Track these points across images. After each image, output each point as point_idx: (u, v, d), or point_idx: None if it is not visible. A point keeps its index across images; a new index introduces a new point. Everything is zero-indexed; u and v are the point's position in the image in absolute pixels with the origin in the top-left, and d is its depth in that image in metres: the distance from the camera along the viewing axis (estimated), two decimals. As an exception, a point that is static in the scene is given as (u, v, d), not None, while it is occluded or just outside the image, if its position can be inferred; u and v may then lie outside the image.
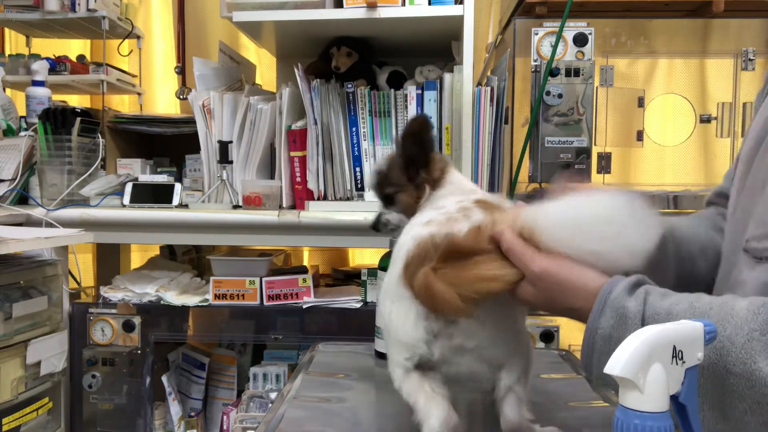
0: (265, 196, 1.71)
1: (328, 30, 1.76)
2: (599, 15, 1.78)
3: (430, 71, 1.78)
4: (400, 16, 1.63)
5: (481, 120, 1.66)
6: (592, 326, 0.61)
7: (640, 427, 0.44)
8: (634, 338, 0.45)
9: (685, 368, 0.47)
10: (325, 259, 2.45)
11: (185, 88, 2.23)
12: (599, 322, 0.60)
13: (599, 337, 0.60)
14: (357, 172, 1.74)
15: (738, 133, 1.92)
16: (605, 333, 0.60)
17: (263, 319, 1.73)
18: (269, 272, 1.77)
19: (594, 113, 1.73)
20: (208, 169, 1.82)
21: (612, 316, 0.60)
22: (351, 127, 1.73)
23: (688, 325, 0.48)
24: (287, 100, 1.73)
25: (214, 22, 2.41)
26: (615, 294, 0.61)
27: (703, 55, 2.08)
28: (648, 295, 0.60)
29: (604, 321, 0.60)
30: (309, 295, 1.73)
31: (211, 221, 1.68)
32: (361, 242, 1.71)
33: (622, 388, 0.45)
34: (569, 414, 0.92)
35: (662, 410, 0.45)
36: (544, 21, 1.70)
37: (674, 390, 0.47)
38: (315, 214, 1.66)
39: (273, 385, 1.84)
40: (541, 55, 1.69)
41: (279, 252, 2.08)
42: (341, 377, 1.09)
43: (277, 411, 0.92)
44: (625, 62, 2.08)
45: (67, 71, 2.15)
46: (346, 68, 1.77)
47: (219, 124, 1.80)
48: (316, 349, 1.26)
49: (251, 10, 1.68)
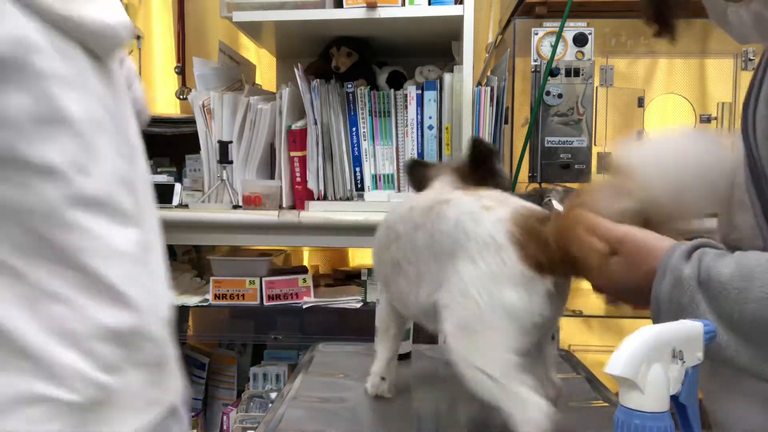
0: (265, 196, 1.71)
1: (328, 30, 1.76)
2: (599, 15, 1.78)
3: (430, 71, 1.78)
4: (400, 16, 1.63)
5: (481, 120, 1.66)
6: (656, 290, 0.63)
7: (641, 427, 0.44)
8: (635, 338, 0.45)
9: (685, 368, 0.47)
10: (325, 259, 2.45)
11: (185, 88, 2.23)
12: (661, 286, 0.63)
13: (663, 301, 0.63)
14: (357, 172, 1.74)
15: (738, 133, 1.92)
16: (666, 296, 0.62)
17: (263, 319, 1.73)
18: (269, 272, 1.77)
19: (594, 113, 1.73)
20: (208, 169, 1.82)
21: (670, 281, 0.62)
22: (351, 127, 1.74)
23: (688, 325, 0.49)
24: (287, 100, 1.73)
25: (214, 22, 2.41)
26: (674, 258, 0.63)
27: (703, 55, 2.08)
28: (703, 257, 0.61)
29: (664, 285, 0.62)
30: (309, 295, 1.73)
31: (211, 221, 1.68)
32: (361, 242, 1.71)
33: (622, 388, 0.45)
34: (569, 414, 0.92)
35: (663, 410, 0.45)
36: (544, 21, 1.70)
37: (674, 390, 0.47)
38: (315, 214, 1.66)
39: (273, 385, 1.85)
40: (541, 55, 1.69)
41: (279, 252, 2.08)
42: (341, 377, 1.09)
43: (277, 411, 0.92)
44: (625, 62, 2.08)
45: (67, 71, 2.15)
46: (346, 68, 1.77)
47: (219, 124, 1.80)
48: (316, 350, 1.26)
49: (251, 10, 1.68)
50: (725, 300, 0.58)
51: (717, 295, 0.59)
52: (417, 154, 1.72)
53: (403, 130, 1.73)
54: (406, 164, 0.99)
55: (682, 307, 0.61)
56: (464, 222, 0.77)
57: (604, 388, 1.03)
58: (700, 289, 0.60)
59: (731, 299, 0.58)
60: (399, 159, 1.74)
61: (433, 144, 1.71)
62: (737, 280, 0.58)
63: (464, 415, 0.95)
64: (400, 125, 1.73)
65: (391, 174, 1.74)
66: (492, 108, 1.66)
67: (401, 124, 1.73)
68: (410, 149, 1.72)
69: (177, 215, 1.71)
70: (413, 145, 1.72)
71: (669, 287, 0.62)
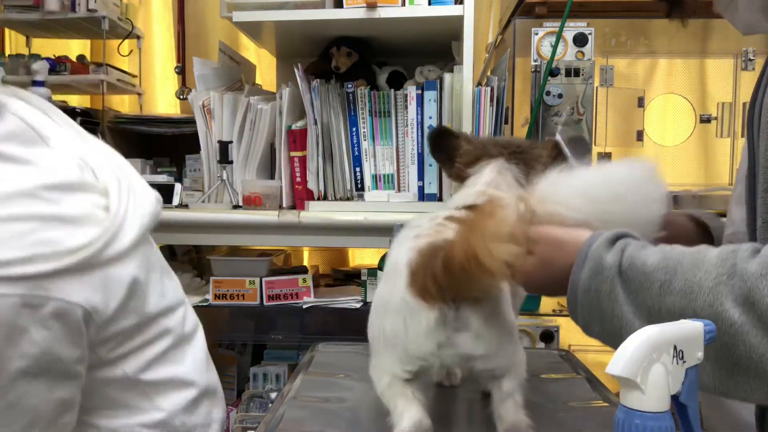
0: (265, 196, 1.71)
1: (328, 30, 1.76)
2: (599, 15, 1.78)
3: (430, 71, 1.78)
4: (400, 16, 1.63)
5: (481, 120, 1.66)
6: (574, 279, 0.62)
7: (641, 427, 0.44)
8: (635, 338, 0.45)
9: (686, 368, 0.47)
10: (325, 259, 2.45)
11: (185, 88, 2.24)
12: (580, 274, 0.61)
13: (581, 290, 0.61)
14: (357, 172, 1.74)
15: (738, 133, 1.92)
16: (585, 285, 0.61)
17: (263, 319, 1.73)
18: (269, 272, 1.77)
19: (594, 113, 1.73)
20: (208, 169, 1.82)
21: (590, 268, 0.60)
22: (351, 127, 1.73)
23: (689, 325, 0.48)
24: (287, 100, 1.73)
25: (214, 22, 2.41)
26: (595, 246, 0.61)
27: (703, 55, 2.08)
28: (626, 247, 0.60)
29: (584, 273, 0.61)
30: (309, 295, 1.73)
31: (211, 221, 1.68)
32: (361, 242, 1.71)
33: (623, 387, 0.45)
34: (569, 414, 0.92)
35: (663, 410, 0.45)
36: (544, 21, 1.70)
37: (675, 390, 0.47)
38: (315, 214, 1.66)
39: (273, 385, 1.85)
40: (541, 55, 1.69)
41: (279, 252, 2.08)
42: (341, 377, 1.09)
43: (277, 411, 0.92)
44: (625, 62, 2.08)
45: (67, 71, 2.15)
46: (346, 68, 1.77)
47: (219, 124, 1.80)
48: (316, 349, 1.26)
49: (251, 10, 1.68)
50: (647, 291, 0.57)
51: (639, 286, 0.57)
52: (417, 154, 1.72)
53: (403, 130, 1.73)
54: (431, 132, 0.94)
55: (600, 296, 0.59)
56: (392, 246, 0.81)
57: (604, 388, 1.03)
58: (621, 279, 0.58)
59: (654, 291, 0.56)
60: (399, 159, 1.74)
61: (433, 144, 1.71)
62: (662, 272, 0.56)
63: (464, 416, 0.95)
64: (400, 125, 1.73)
65: (391, 174, 1.74)
66: (492, 108, 1.66)
67: (401, 124, 1.73)
68: (410, 149, 1.72)
69: (177, 215, 1.70)
70: (413, 145, 1.72)
71: (588, 275, 0.60)
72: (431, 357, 0.72)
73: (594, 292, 0.60)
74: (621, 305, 0.58)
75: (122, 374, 0.75)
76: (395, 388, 0.75)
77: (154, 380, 0.79)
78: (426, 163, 1.71)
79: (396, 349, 0.74)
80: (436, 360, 0.72)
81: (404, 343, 0.73)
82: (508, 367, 0.75)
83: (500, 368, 0.75)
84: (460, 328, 0.71)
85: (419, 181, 1.72)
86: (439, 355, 0.72)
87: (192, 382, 0.85)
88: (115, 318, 0.71)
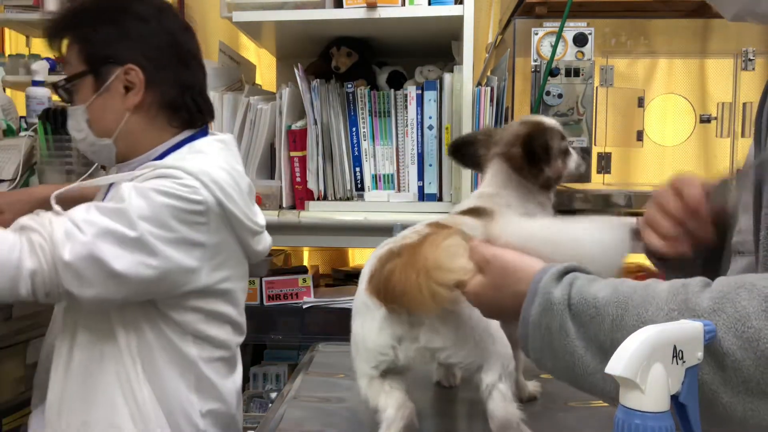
0: (265, 196, 1.71)
1: (328, 30, 1.76)
2: (599, 15, 1.78)
3: (430, 71, 1.78)
4: (400, 16, 1.63)
5: (481, 120, 1.66)
6: (524, 314, 0.61)
7: (641, 427, 0.44)
8: (635, 338, 0.45)
9: (686, 368, 0.47)
10: (325, 259, 2.45)
11: (185, 88, 2.23)
12: (530, 310, 0.61)
13: (531, 326, 0.61)
14: (357, 172, 1.74)
15: (738, 133, 1.92)
16: (535, 320, 0.60)
17: (263, 319, 1.73)
18: (269, 272, 1.77)
19: (594, 113, 1.73)
20: (208, 169, 1.82)
21: (540, 304, 0.60)
22: (351, 127, 1.74)
23: (688, 325, 0.48)
24: (287, 100, 1.73)
25: (214, 22, 2.41)
26: (544, 282, 0.61)
27: (703, 55, 2.08)
28: (574, 281, 0.59)
29: (534, 309, 0.60)
30: (309, 295, 1.73)
31: (211, 221, 1.67)
32: (361, 242, 1.71)
33: (623, 388, 0.45)
34: (569, 414, 0.92)
35: (663, 410, 0.45)
36: (544, 21, 1.70)
37: (675, 390, 0.47)
38: (315, 214, 1.66)
39: (273, 385, 1.85)
40: (541, 55, 1.69)
41: (279, 252, 2.08)
42: (341, 377, 1.09)
43: (277, 411, 0.92)
44: (625, 62, 2.08)
45: (67, 71, 2.14)
46: (346, 68, 1.77)
47: (219, 124, 1.80)
48: (316, 349, 1.26)
49: (251, 10, 1.68)
50: (599, 326, 0.56)
51: (590, 320, 0.56)
52: (417, 154, 1.72)
53: (403, 130, 1.73)
54: (450, 148, 1.01)
55: (552, 332, 0.58)
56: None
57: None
58: (570, 313, 0.58)
59: (605, 326, 0.55)
60: (399, 159, 1.74)
61: (433, 144, 1.71)
62: (612, 307, 0.55)
63: (464, 416, 0.96)
64: (400, 125, 1.73)
65: (391, 174, 1.74)
66: (492, 108, 1.66)
67: (401, 124, 1.73)
68: (410, 149, 1.72)
69: (177, 215, 1.70)
70: (413, 145, 1.72)
71: (538, 310, 0.60)
72: (390, 350, 0.76)
73: (545, 329, 0.59)
74: (572, 340, 0.57)
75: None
76: (374, 387, 0.78)
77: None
78: (426, 163, 1.71)
79: (360, 348, 0.79)
80: (399, 353, 0.76)
81: (363, 340, 0.77)
82: (483, 359, 0.76)
83: (471, 361, 0.76)
84: (416, 324, 0.75)
85: (419, 181, 1.72)
86: (401, 349, 0.75)
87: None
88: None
